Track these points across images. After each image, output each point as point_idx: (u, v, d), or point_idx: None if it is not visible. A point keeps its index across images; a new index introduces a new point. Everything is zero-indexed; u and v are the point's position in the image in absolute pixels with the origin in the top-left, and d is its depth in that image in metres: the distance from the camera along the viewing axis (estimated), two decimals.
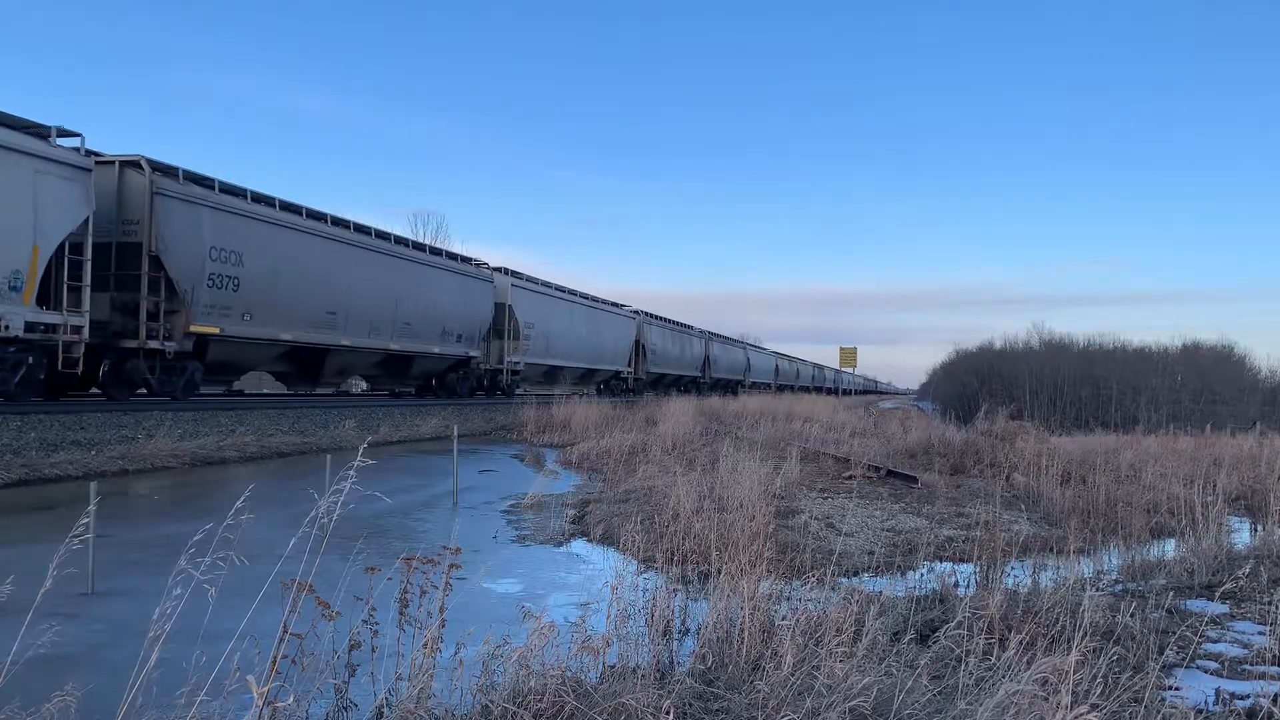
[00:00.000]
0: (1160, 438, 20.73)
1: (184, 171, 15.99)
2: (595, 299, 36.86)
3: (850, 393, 74.31)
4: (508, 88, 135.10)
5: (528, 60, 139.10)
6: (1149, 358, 49.93)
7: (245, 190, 17.57)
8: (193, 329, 15.84)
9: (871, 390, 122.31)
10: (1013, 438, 15.62)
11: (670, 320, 41.64)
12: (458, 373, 26.57)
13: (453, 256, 26.27)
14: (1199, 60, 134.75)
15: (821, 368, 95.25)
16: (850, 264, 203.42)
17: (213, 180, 16.71)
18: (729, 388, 54.04)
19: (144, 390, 16.29)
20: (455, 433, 11.68)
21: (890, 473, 13.08)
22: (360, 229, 21.34)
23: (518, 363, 28.48)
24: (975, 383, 49.13)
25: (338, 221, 20.49)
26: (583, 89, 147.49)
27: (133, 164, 15.28)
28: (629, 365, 39.65)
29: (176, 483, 11.58)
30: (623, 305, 38.68)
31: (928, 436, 17.95)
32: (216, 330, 16.43)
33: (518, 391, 29.18)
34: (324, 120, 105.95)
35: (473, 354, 26.22)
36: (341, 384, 25.83)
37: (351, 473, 3.40)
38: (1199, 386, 45.20)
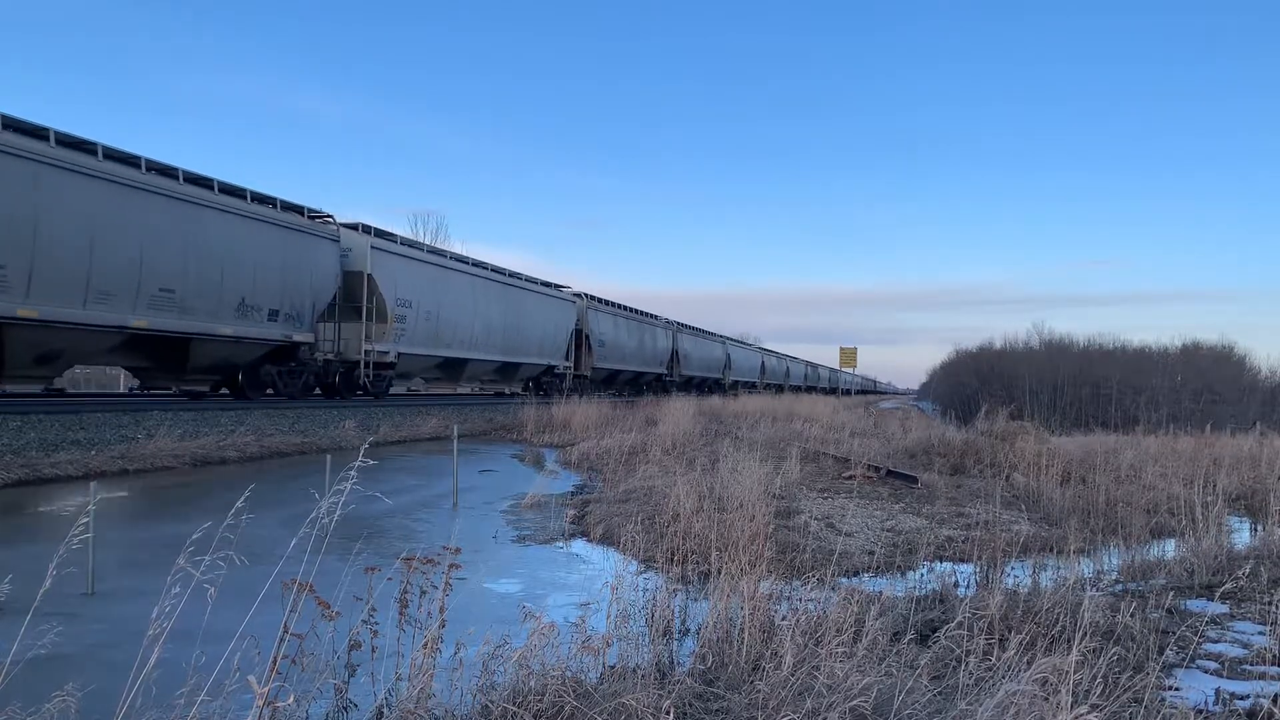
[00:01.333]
0: (1160, 438, 20.73)
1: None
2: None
3: (849, 392, 74.19)
4: (508, 88, 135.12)
5: (528, 60, 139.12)
6: (1149, 358, 49.95)
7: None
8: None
9: (870, 390, 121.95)
10: (1013, 438, 15.61)
11: (626, 307, 37.38)
12: (281, 365, 19.41)
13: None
14: (1199, 60, 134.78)
15: (815, 366, 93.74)
16: (850, 264, 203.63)
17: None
18: (704, 387, 49.39)
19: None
20: (455, 433, 11.68)
21: (890, 473, 13.08)
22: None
23: (387, 352, 21.67)
24: (975, 383, 49.15)
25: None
26: (583, 88, 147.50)
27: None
28: (567, 359, 33.31)
29: (176, 483, 11.57)
30: (562, 287, 32.95)
31: (928, 436, 17.95)
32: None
33: (391, 391, 24.12)
34: (324, 120, 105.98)
35: (299, 338, 19.27)
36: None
37: (352, 473, 3.39)
38: (1199, 386, 45.20)
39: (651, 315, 43.47)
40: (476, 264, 27.31)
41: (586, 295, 35.74)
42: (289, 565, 3.29)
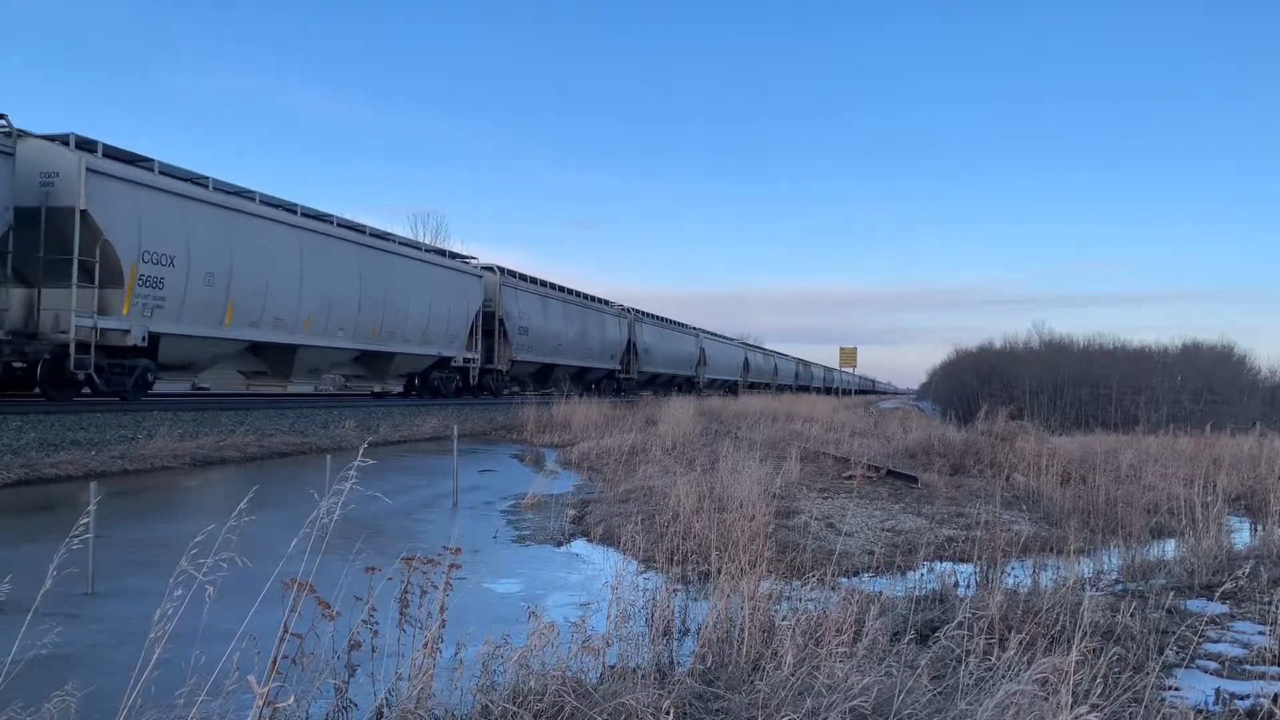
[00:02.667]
0: (1160, 438, 20.73)
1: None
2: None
3: (850, 392, 73.43)
4: (508, 88, 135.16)
5: (528, 60, 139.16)
6: (1149, 358, 49.93)
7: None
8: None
9: (869, 390, 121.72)
10: (1013, 438, 15.61)
11: (561, 287, 33.71)
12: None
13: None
14: (1200, 60, 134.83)
15: (808, 364, 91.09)
16: (850, 264, 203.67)
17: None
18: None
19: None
20: (455, 433, 11.68)
21: (890, 473, 13.08)
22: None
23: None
24: (975, 383, 49.13)
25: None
26: (583, 88, 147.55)
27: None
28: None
29: (177, 483, 11.58)
30: (467, 257, 30.72)
31: (928, 436, 17.94)
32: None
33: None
34: (323, 120, 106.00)
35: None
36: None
37: (352, 473, 3.40)
38: (1199, 386, 45.20)
39: (600, 300, 37.67)
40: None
41: (501, 269, 28.62)
42: (289, 565, 3.29)
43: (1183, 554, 7.56)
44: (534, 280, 31.44)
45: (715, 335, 57.25)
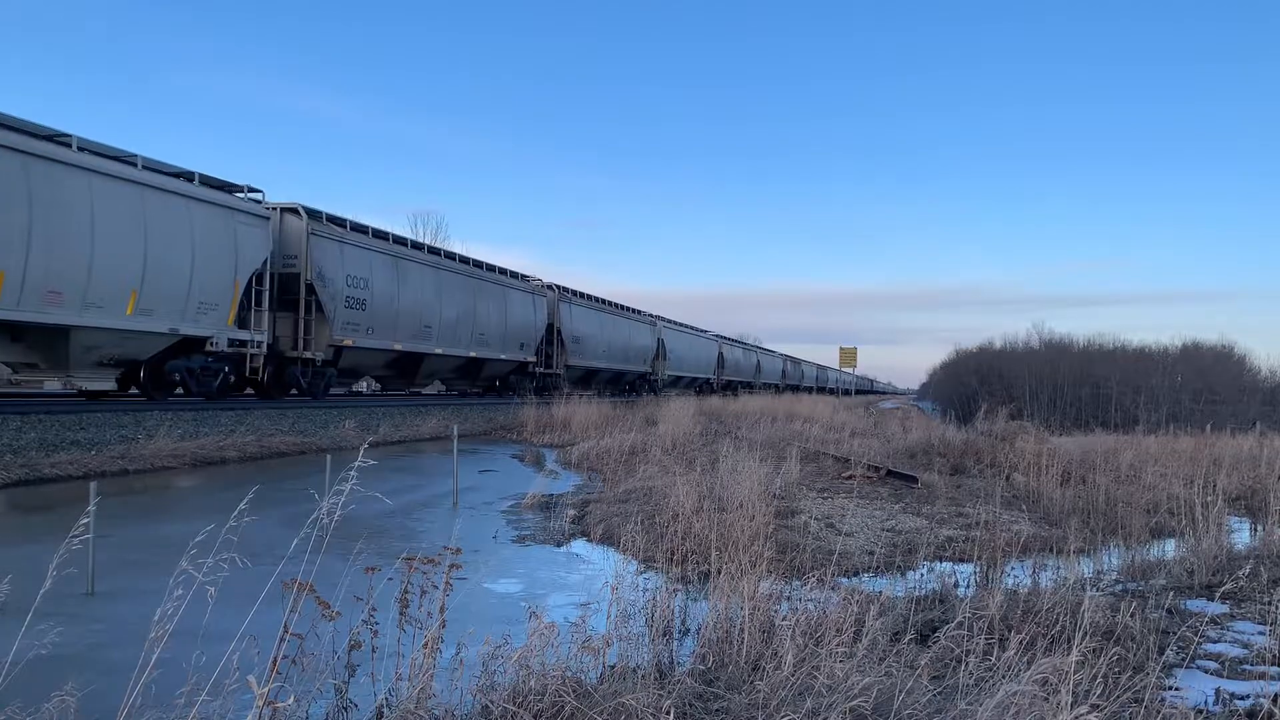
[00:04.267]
0: (1160, 438, 20.72)
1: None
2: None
3: (849, 392, 73.14)
4: (508, 88, 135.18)
5: (528, 60, 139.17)
6: (1149, 358, 49.93)
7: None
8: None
9: (868, 390, 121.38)
10: (1013, 438, 15.62)
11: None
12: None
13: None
14: (1200, 60, 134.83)
15: (798, 361, 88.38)
16: (850, 264, 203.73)
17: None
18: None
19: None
20: (455, 433, 11.68)
21: (890, 473, 13.08)
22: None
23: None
24: (975, 383, 49.15)
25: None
26: (583, 89, 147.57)
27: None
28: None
29: (177, 483, 11.57)
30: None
31: (928, 436, 17.95)
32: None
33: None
34: (324, 120, 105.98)
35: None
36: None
37: (352, 473, 3.40)
38: (1199, 386, 45.20)
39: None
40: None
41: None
42: (289, 565, 3.29)
43: (1183, 554, 7.56)
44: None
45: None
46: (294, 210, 19.07)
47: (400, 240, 23.15)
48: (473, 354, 26.05)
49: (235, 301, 16.63)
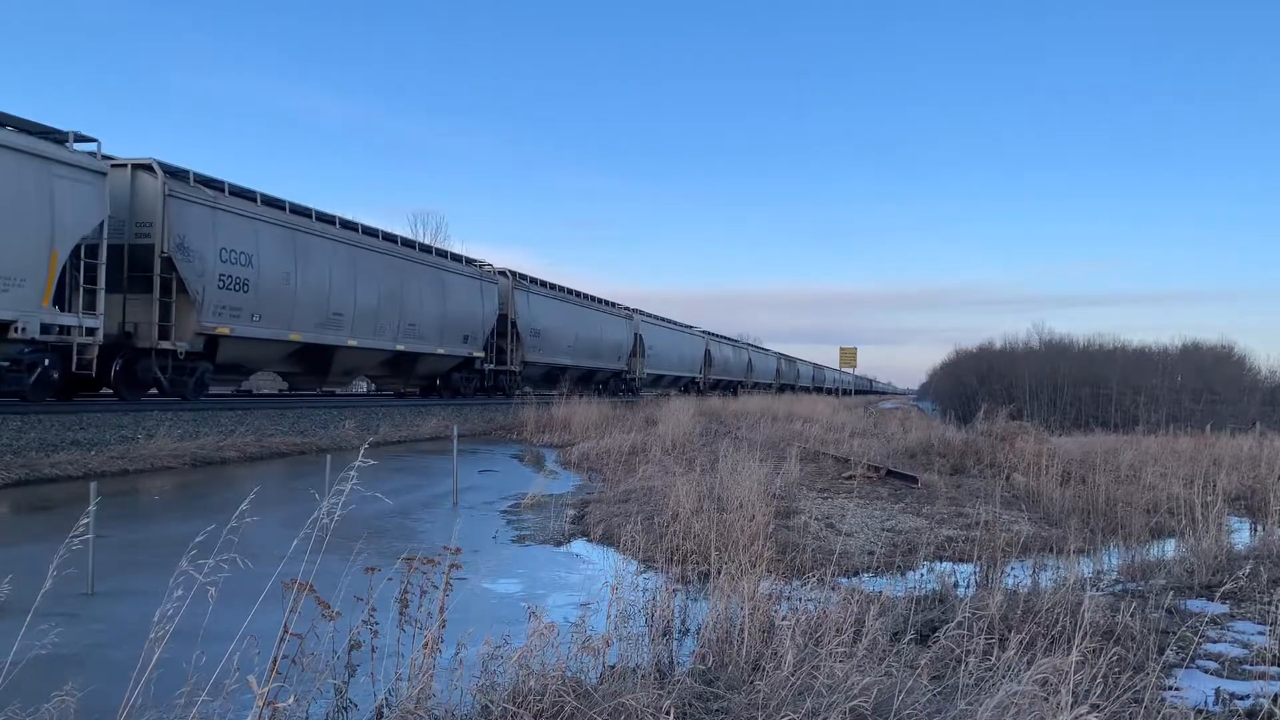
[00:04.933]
0: (1160, 438, 20.72)
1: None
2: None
3: (848, 393, 72.33)
4: (508, 88, 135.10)
5: (528, 60, 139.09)
6: (1149, 358, 49.95)
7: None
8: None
9: (868, 390, 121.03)
10: (1012, 438, 15.60)
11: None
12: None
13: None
14: (1199, 60, 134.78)
15: (793, 360, 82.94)
16: (850, 264, 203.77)
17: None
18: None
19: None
20: (455, 433, 11.68)
21: (890, 473, 13.08)
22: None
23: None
24: (975, 383, 49.16)
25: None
26: (583, 89, 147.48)
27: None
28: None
29: (176, 483, 11.57)
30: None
31: (928, 436, 17.95)
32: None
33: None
34: (324, 120, 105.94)
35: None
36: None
37: (352, 473, 3.40)
38: (1199, 386, 45.21)
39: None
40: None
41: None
42: (289, 565, 3.29)
43: (1183, 554, 7.56)
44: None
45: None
46: (147, 167, 15.29)
47: (302, 210, 19.27)
48: (400, 348, 22.27)
49: (51, 277, 13.10)
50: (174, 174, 15.79)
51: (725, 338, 59.01)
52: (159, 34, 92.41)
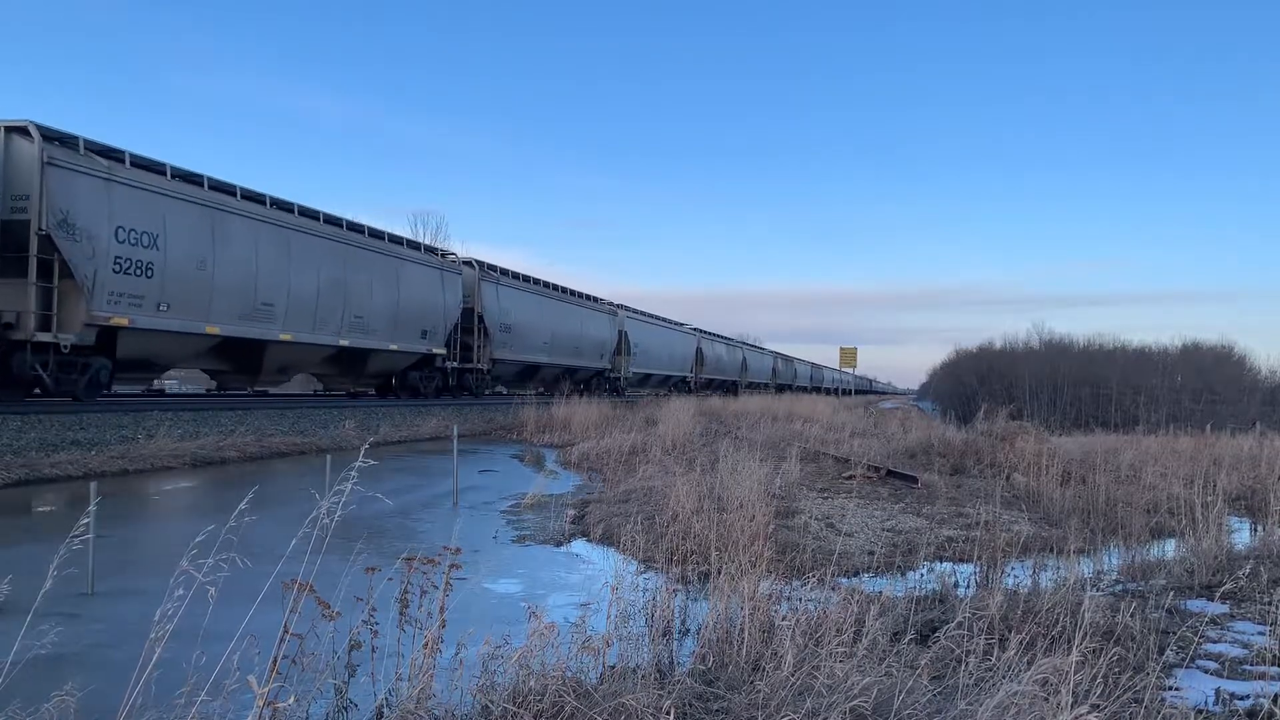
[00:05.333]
0: (1160, 438, 20.72)
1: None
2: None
3: (848, 393, 71.83)
4: (508, 88, 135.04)
5: (528, 60, 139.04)
6: (1149, 358, 49.96)
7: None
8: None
9: (867, 390, 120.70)
10: (1013, 438, 15.60)
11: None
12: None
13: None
14: (1199, 60, 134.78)
15: (791, 361, 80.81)
16: (850, 264, 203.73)
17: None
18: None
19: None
20: (455, 433, 11.68)
21: (890, 473, 13.08)
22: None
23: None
24: (975, 383, 49.17)
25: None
26: (583, 89, 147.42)
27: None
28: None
29: (177, 483, 11.57)
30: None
31: (928, 436, 17.95)
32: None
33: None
34: (324, 120, 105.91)
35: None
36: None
37: (353, 473, 3.40)
38: (1199, 387, 45.22)
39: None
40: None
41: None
42: (289, 565, 3.29)
43: (1183, 554, 7.56)
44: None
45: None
46: (21, 130, 13.25)
47: (223, 187, 16.70)
48: (344, 343, 19.91)
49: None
50: (58, 139, 13.72)
51: (719, 336, 56.11)
52: (159, 34, 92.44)
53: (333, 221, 20.18)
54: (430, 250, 24.61)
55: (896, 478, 12.82)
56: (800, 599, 5.21)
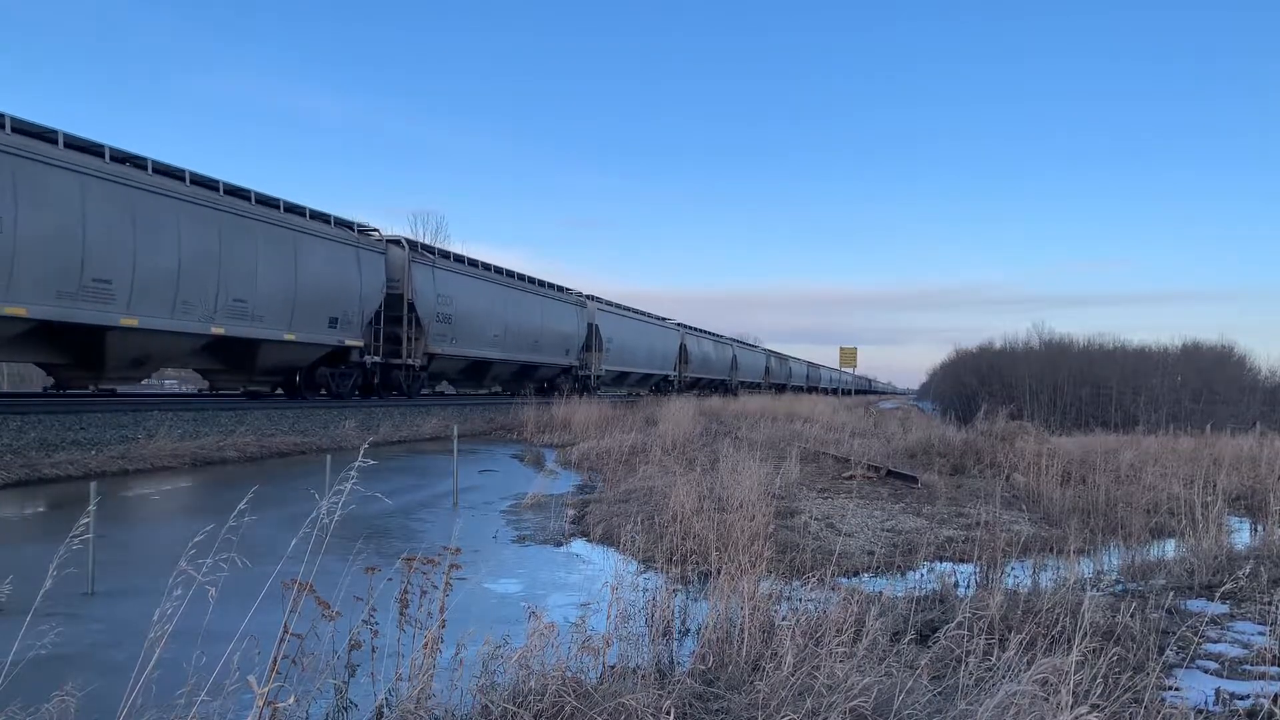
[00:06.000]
0: (1160, 438, 20.73)
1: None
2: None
3: (848, 393, 71.33)
4: (507, 87, 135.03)
5: (528, 60, 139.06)
6: (1149, 358, 49.95)
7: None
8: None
9: (867, 390, 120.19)
10: (1013, 438, 15.61)
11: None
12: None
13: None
14: (1199, 60, 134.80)
15: (784, 358, 77.00)
16: (850, 264, 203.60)
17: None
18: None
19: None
20: (455, 433, 11.68)
21: (890, 473, 13.08)
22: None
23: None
24: (975, 383, 49.16)
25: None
26: (583, 88, 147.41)
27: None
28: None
29: (177, 483, 11.57)
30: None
31: (928, 436, 17.94)
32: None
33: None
34: (324, 120, 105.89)
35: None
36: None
37: (352, 473, 3.40)
38: (1199, 386, 45.21)
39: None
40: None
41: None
42: (289, 565, 3.29)
43: (1183, 554, 7.56)
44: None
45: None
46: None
47: (35, 130, 13.29)
48: (220, 331, 16.15)
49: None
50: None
51: (706, 332, 52.01)
52: (159, 34, 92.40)
53: (204, 183, 16.30)
54: (345, 225, 20.26)
55: (896, 478, 12.82)
56: (800, 599, 5.21)
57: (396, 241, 22.35)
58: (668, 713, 3.08)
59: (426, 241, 25.19)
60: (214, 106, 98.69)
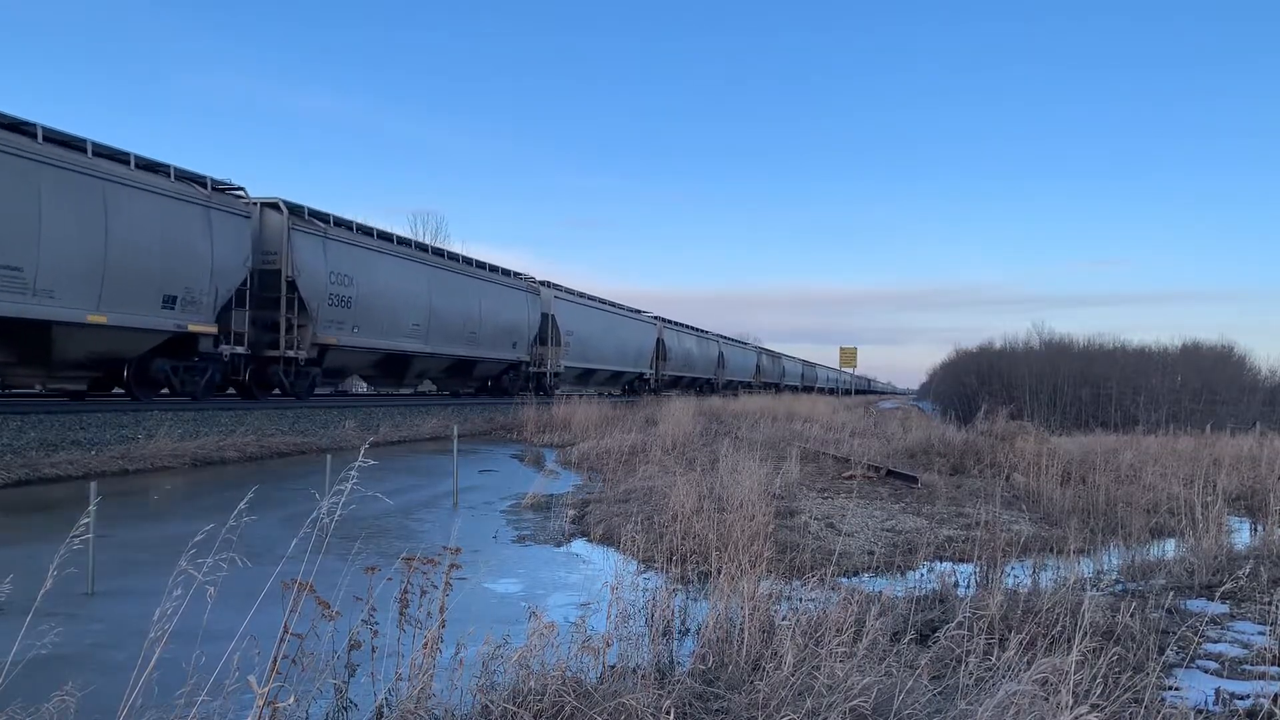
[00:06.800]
0: (1160, 438, 20.72)
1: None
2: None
3: (848, 392, 71.07)
4: (507, 88, 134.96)
5: (527, 60, 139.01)
6: (1149, 358, 49.91)
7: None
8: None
9: (867, 390, 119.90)
10: (1012, 438, 15.61)
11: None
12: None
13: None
14: (1199, 60, 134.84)
15: (777, 356, 74.84)
16: (850, 264, 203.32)
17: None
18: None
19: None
20: (455, 433, 11.68)
21: (890, 473, 13.08)
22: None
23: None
24: (975, 383, 49.12)
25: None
26: (582, 88, 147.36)
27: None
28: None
29: (177, 483, 11.57)
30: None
31: (928, 436, 17.95)
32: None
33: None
34: (324, 120, 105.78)
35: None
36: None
37: (352, 473, 3.40)
38: (1199, 386, 45.19)
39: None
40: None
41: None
42: (289, 565, 3.29)
43: (1183, 554, 7.56)
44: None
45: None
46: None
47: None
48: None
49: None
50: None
51: (688, 326, 48.52)
52: (159, 34, 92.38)
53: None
54: (191, 178, 15.90)
55: (896, 478, 12.82)
56: (800, 599, 5.21)
57: (274, 205, 17.99)
58: (668, 713, 3.08)
59: (340, 215, 20.00)
60: (214, 106, 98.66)
